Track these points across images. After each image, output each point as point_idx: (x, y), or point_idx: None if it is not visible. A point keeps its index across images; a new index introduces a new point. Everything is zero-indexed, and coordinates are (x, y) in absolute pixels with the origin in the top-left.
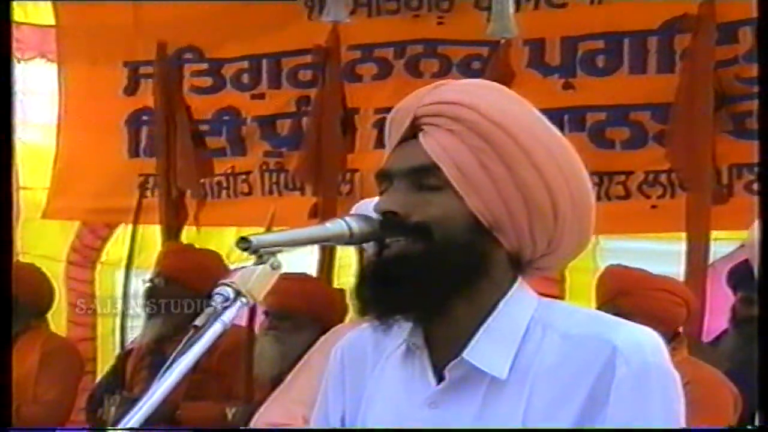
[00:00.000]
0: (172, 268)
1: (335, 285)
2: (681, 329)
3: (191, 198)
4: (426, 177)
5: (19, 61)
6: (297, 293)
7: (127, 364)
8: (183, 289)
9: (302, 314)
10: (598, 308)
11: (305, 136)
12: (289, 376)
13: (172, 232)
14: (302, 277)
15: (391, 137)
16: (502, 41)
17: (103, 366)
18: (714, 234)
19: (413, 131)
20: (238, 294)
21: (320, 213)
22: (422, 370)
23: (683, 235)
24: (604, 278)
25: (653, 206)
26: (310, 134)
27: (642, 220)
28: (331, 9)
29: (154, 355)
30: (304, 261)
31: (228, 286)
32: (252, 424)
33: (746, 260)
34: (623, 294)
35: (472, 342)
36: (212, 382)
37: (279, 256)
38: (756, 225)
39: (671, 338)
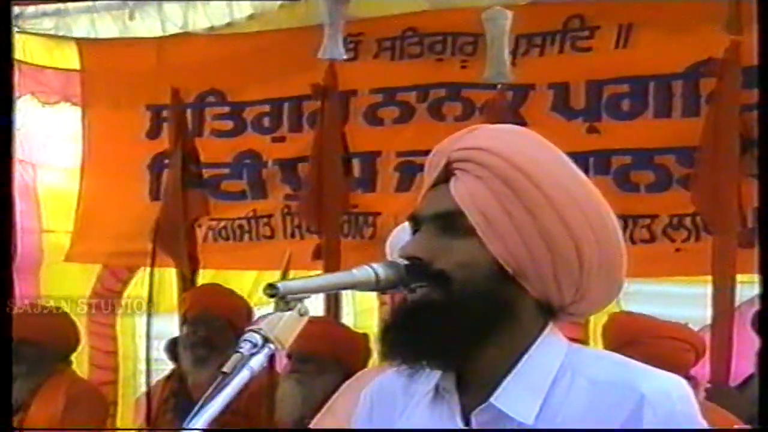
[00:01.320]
0: (221, 309)
1: (356, 329)
2: (694, 373)
3: (203, 241)
4: (451, 222)
5: (43, 105)
6: (320, 336)
7: (151, 406)
8: (228, 328)
9: (325, 358)
10: None
11: (306, 176)
12: (313, 422)
13: (187, 275)
14: (325, 321)
15: (426, 181)
16: (499, 86)
17: (125, 408)
18: (739, 277)
19: (446, 175)
20: (266, 340)
21: (324, 254)
22: (450, 413)
23: (708, 278)
24: (609, 327)
25: (678, 249)
26: (311, 174)
27: (667, 264)
28: (328, 47)
29: (178, 397)
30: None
31: (256, 332)
32: None
33: None
34: (628, 344)
35: (501, 387)
36: (241, 424)
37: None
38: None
39: (693, 386)
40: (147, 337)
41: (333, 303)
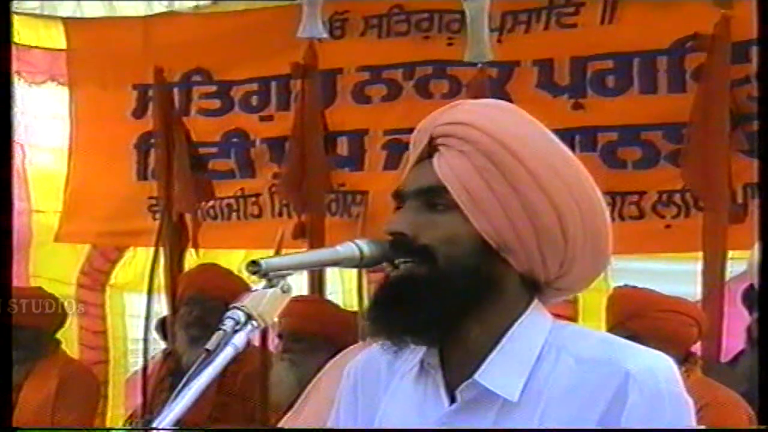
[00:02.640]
0: (216, 289)
1: (346, 308)
2: (694, 349)
3: (192, 221)
4: (435, 198)
5: (30, 85)
6: (311, 316)
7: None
8: (222, 308)
9: (316, 337)
10: (609, 330)
11: (287, 155)
12: (300, 400)
13: (175, 255)
14: (315, 300)
15: (411, 157)
16: (480, 65)
17: (116, 388)
18: (729, 254)
19: (430, 151)
20: (249, 317)
21: (308, 232)
22: (435, 390)
23: (698, 254)
24: (614, 300)
25: (667, 226)
26: (292, 153)
27: (656, 240)
28: (307, 26)
29: (174, 377)
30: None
31: (239, 309)
32: None
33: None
34: (634, 316)
35: (485, 364)
36: (236, 405)
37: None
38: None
39: (684, 359)
40: (146, 317)
41: (317, 281)
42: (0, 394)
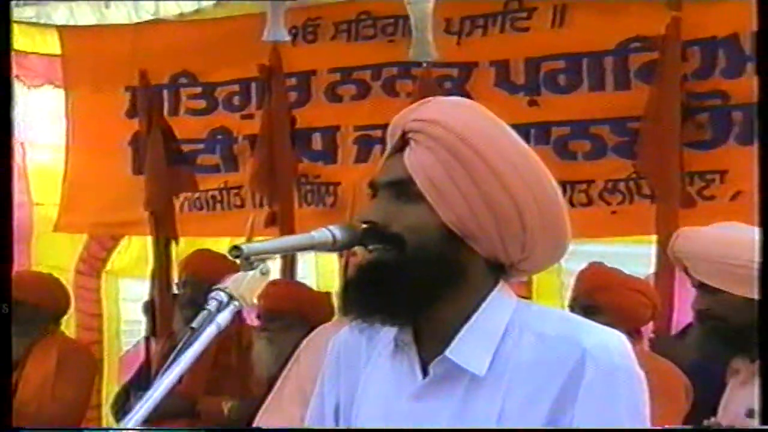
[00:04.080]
0: (210, 274)
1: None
2: (644, 328)
3: (179, 212)
4: (404, 189)
5: (29, 88)
6: (285, 296)
7: (152, 363)
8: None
9: (291, 315)
10: (576, 299)
11: (256, 150)
12: (280, 379)
13: (160, 244)
14: (289, 282)
15: (386, 151)
16: (424, 64)
17: (110, 366)
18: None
19: (402, 145)
20: (231, 298)
21: (279, 221)
22: (410, 365)
23: (644, 237)
24: (585, 274)
25: (613, 212)
26: (261, 147)
27: (603, 225)
28: (271, 30)
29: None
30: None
31: (222, 290)
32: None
33: None
34: (601, 289)
35: (455, 341)
36: (229, 379)
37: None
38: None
39: (631, 334)
40: (159, 298)
41: (288, 265)
42: (0, 394)
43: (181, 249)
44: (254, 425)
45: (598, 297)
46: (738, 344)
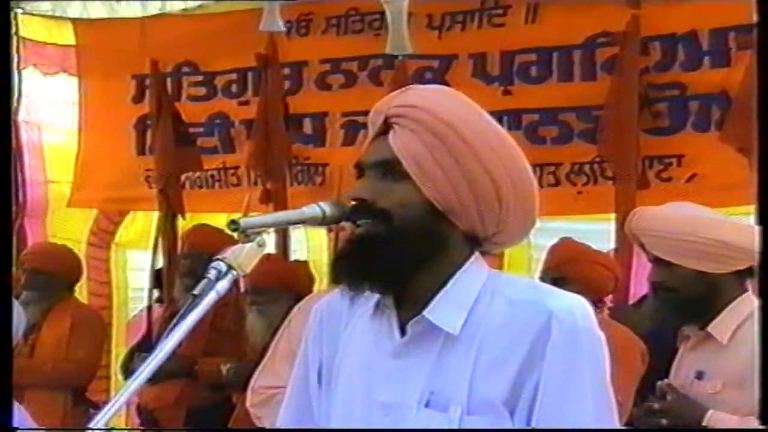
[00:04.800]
0: (209, 246)
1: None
2: (605, 298)
3: (175, 190)
4: (390, 169)
5: (45, 76)
6: (267, 271)
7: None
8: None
9: (275, 288)
10: (546, 271)
11: (253, 133)
12: (273, 343)
13: (167, 219)
14: (269, 257)
15: (370, 134)
16: (400, 57)
17: (119, 330)
18: None
19: (385, 129)
20: (230, 268)
21: (272, 198)
22: (389, 326)
23: (604, 216)
24: (556, 248)
25: (579, 192)
26: (257, 130)
27: (569, 204)
28: (267, 21)
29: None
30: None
31: (221, 261)
32: (249, 390)
33: None
34: (570, 261)
35: (432, 303)
36: (226, 341)
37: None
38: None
39: (595, 303)
40: (167, 269)
41: (282, 239)
42: (0, 394)
43: (182, 224)
44: (251, 385)
45: (567, 269)
46: (688, 313)
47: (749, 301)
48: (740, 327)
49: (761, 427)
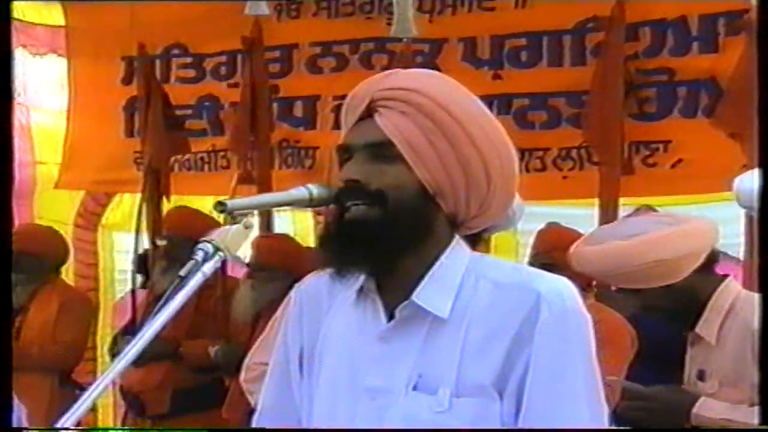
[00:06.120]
0: (184, 228)
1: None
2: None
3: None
4: (381, 151)
5: (34, 56)
6: (272, 250)
7: (137, 310)
8: (186, 243)
9: (276, 267)
10: (536, 256)
11: (236, 116)
12: (270, 322)
13: (153, 201)
14: (279, 236)
15: (349, 118)
16: (404, 40)
17: (105, 312)
18: (621, 201)
19: (368, 112)
20: (217, 249)
21: (257, 180)
22: (374, 311)
23: (590, 201)
24: (544, 234)
25: (565, 177)
26: (239, 113)
27: (556, 189)
28: (252, 5)
29: (154, 304)
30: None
31: (208, 242)
32: (244, 367)
33: None
34: (560, 248)
35: (419, 287)
36: (210, 324)
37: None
38: None
39: (584, 287)
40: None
41: (265, 220)
42: (0, 394)
43: (173, 206)
44: (245, 362)
45: (557, 256)
46: (677, 321)
47: (727, 292)
48: (723, 324)
49: (761, 427)
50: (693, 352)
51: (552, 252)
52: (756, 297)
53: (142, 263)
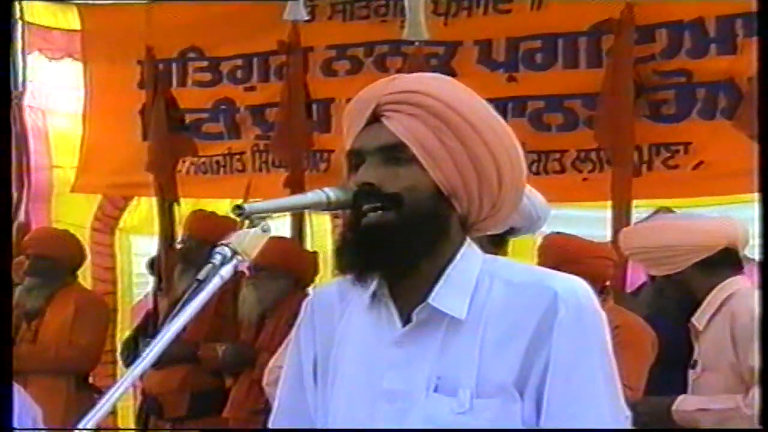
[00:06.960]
0: (202, 231)
1: (313, 248)
2: (608, 283)
3: (186, 175)
4: (394, 154)
5: (50, 60)
6: (274, 250)
7: (159, 312)
8: (202, 246)
9: (277, 268)
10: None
11: (276, 119)
12: (286, 340)
13: (165, 205)
14: (281, 238)
15: (355, 123)
16: (416, 43)
17: (123, 315)
18: (634, 202)
19: (375, 117)
20: (235, 253)
21: (290, 183)
22: (389, 315)
23: (607, 203)
24: (546, 246)
25: (584, 179)
26: (279, 117)
27: (575, 191)
28: (291, 10)
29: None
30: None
31: (226, 246)
32: (267, 371)
33: None
34: (568, 262)
35: (435, 290)
36: (228, 326)
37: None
38: None
39: (601, 290)
40: (164, 256)
41: (297, 224)
42: (0, 395)
43: (187, 209)
44: (268, 365)
45: (566, 269)
46: (684, 310)
47: (728, 288)
48: (715, 314)
49: (761, 427)
50: (695, 345)
51: (562, 266)
52: (756, 292)
53: (154, 266)
